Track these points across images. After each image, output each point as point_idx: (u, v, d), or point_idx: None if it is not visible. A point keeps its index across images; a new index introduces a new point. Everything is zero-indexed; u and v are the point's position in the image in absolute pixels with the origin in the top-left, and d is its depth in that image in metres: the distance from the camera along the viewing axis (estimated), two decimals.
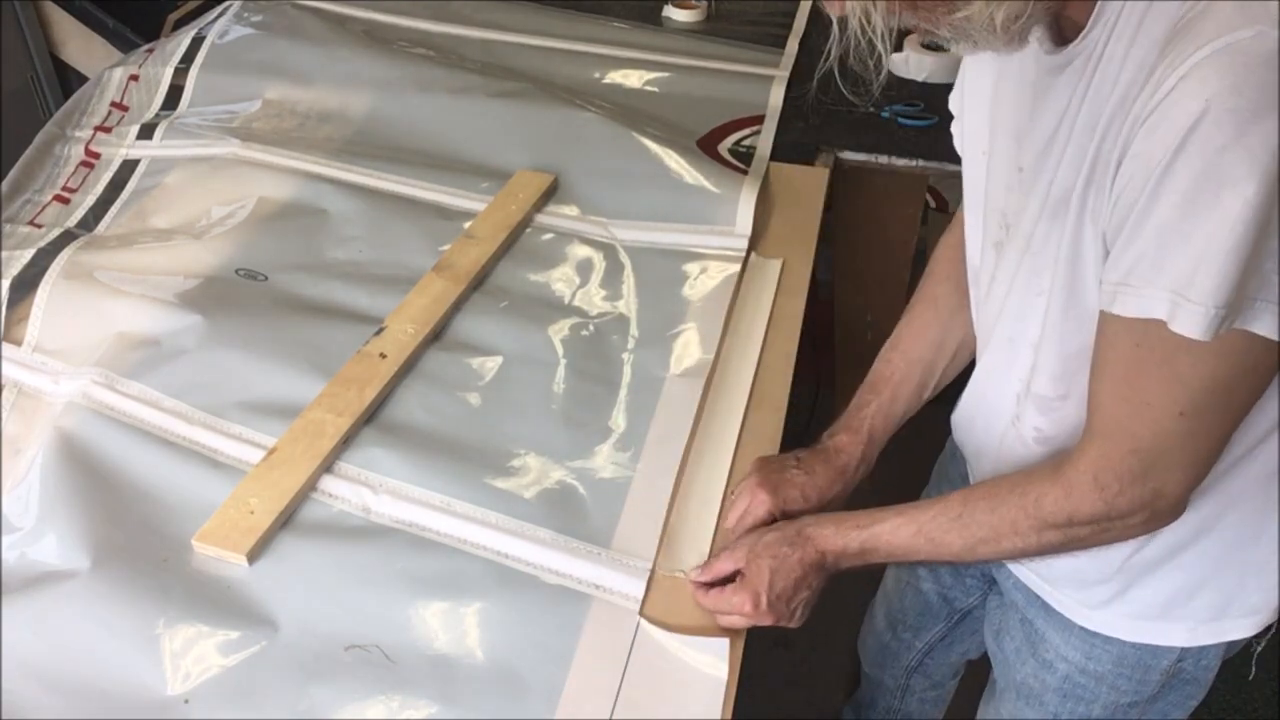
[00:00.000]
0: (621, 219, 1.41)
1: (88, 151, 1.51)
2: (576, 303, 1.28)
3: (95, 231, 1.37)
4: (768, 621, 0.92)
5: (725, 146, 1.58)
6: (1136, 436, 0.78)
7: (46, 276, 1.22)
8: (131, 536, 0.97)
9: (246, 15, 1.74)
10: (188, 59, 1.65)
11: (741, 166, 1.52)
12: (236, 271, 1.28)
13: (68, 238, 1.31)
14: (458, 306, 1.25)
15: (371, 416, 1.10)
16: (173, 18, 2.15)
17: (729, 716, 0.87)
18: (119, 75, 1.64)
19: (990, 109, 0.92)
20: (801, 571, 0.92)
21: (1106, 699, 1.02)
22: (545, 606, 0.94)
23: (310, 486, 1.02)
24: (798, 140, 1.62)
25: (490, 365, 1.18)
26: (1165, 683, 0.99)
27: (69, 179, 1.46)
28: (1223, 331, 0.71)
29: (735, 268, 1.34)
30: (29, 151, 1.49)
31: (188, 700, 0.86)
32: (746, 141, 1.59)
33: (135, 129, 1.53)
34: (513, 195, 1.42)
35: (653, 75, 1.75)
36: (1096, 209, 0.77)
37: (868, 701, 1.49)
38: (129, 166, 1.48)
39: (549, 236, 1.39)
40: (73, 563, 0.94)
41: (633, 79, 1.74)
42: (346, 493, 1.02)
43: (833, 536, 0.93)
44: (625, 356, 1.21)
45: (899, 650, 1.37)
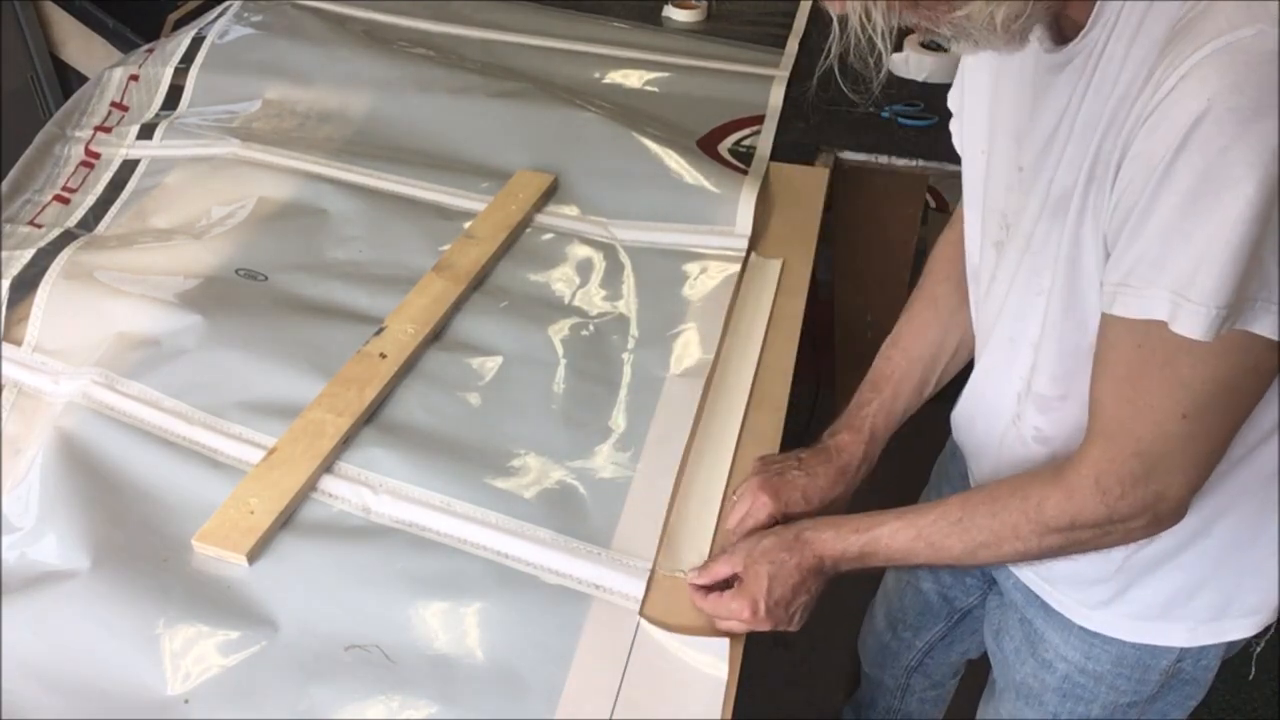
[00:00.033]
0: (621, 219, 1.41)
1: (88, 151, 1.51)
2: (576, 303, 1.28)
3: (95, 231, 1.37)
4: (766, 627, 0.92)
5: (725, 146, 1.58)
6: (1138, 439, 0.78)
7: (46, 276, 1.22)
8: (131, 536, 0.97)
9: (246, 15, 1.74)
10: (188, 59, 1.65)
11: (741, 166, 1.52)
12: (236, 271, 1.28)
13: (68, 238, 1.31)
14: (458, 306, 1.25)
15: (371, 416, 1.10)
16: (173, 18, 2.15)
17: (729, 716, 0.87)
18: (119, 75, 1.64)
19: (990, 108, 0.92)
20: (800, 576, 0.92)
21: (1106, 699, 1.02)
22: (545, 606, 0.94)
23: (310, 486, 1.02)
24: (798, 140, 1.62)
25: (490, 365, 1.18)
26: (1165, 683, 0.99)
27: (69, 179, 1.46)
28: (1224, 332, 0.71)
29: (735, 268, 1.34)
30: (29, 151, 1.49)
31: (188, 700, 0.86)
32: (746, 141, 1.59)
33: (135, 129, 1.53)
34: (513, 195, 1.42)
35: (653, 75, 1.75)
36: (1097, 209, 0.77)
37: (868, 701, 1.49)
38: (129, 166, 1.48)
39: (549, 236, 1.39)
40: (73, 563, 0.94)
41: (633, 79, 1.74)
42: (346, 493, 1.02)
43: (831, 541, 0.92)
44: (625, 356, 1.21)
45: (899, 650, 1.37)
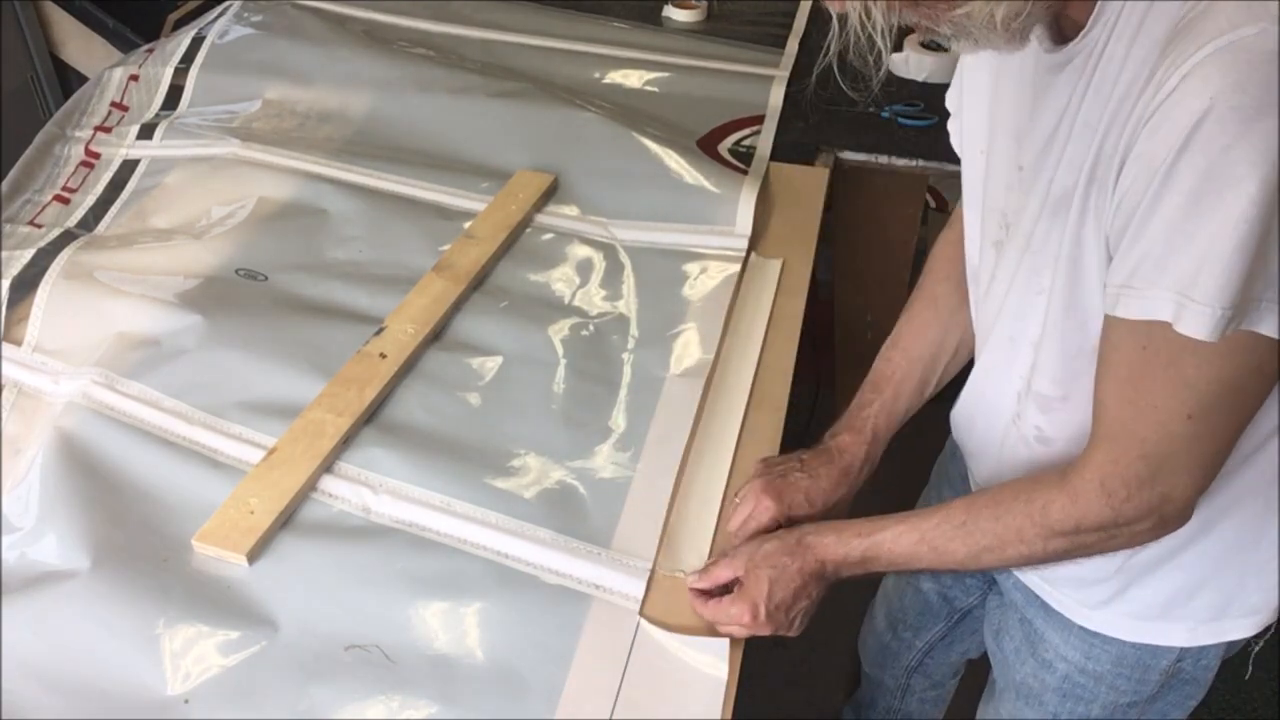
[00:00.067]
0: (621, 219, 1.41)
1: (88, 151, 1.51)
2: (576, 303, 1.28)
3: (95, 231, 1.37)
4: (766, 632, 0.92)
5: (725, 146, 1.58)
6: (1143, 441, 0.77)
7: (46, 276, 1.22)
8: (131, 536, 0.97)
9: (246, 15, 1.74)
10: (188, 59, 1.65)
11: (741, 166, 1.52)
12: (236, 271, 1.28)
13: (68, 238, 1.31)
14: (458, 306, 1.25)
15: (371, 416, 1.10)
16: (173, 18, 2.15)
17: (729, 716, 0.87)
18: (119, 75, 1.64)
19: (989, 107, 0.91)
20: (801, 581, 0.92)
21: (1106, 699, 1.02)
22: (545, 606, 0.94)
23: (310, 486, 1.02)
24: (798, 140, 1.62)
25: (490, 365, 1.18)
26: (1164, 682, 0.99)
27: (69, 179, 1.46)
28: (1229, 332, 0.70)
29: (735, 268, 1.34)
30: (29, 151, 1.49)
31: (188, 700, 0.86)
32: (746, 141, 1.59)
33: (135, 129, 1.53)
34: (513, 195, 1.42)
35: (653, 75, 1.75)
36: (1099, 210, 0.77)
37: (868, 701, 1.49)
38: (129, 166, 1.48)
39: (549, 236, 1.39)
40: (73, 563, 0.94)
41: (633, 79, 1.74)
42: (346, 493, 1.02)
43: (833, 545, 0.92)
44: (625, 356, 1.21)
45: (899, 650, 1.37)
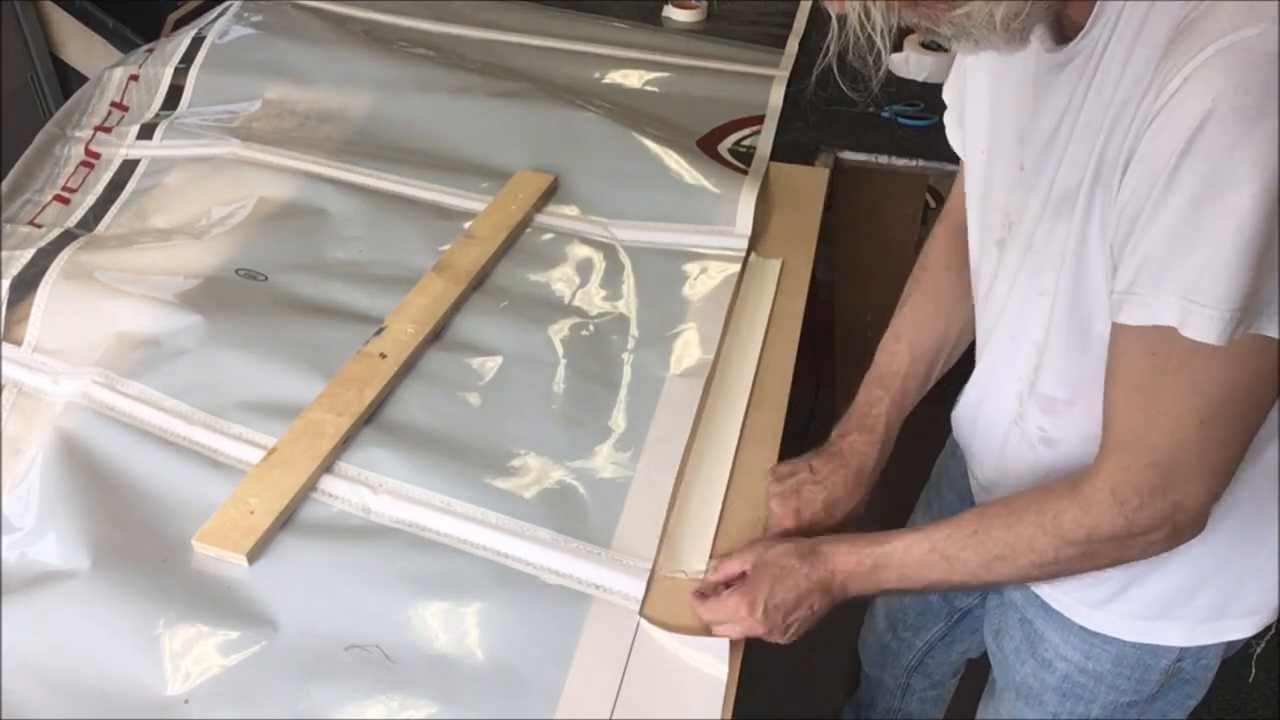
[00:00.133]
0: (621, 219, 1.41)
1: (88, 151, 1.51)
2: (576, 303, 1.28)
3: (95, 231, 1.37)
4: (759, 630, 0.91)
5: (725, 146, 1.58)
6: (1155, 448, 0.77)
7: (46, 276, 1.22)
8: (131, 536, 0.97)
9: (246, 15, 1.74)
10: (188, 59, 1.65)
11: (741, 166, 1.52)
12: (236, 271, 1.28)
13: (68, 238, 1.32)
14: (458, 306, 1.25)
15: (371, 416, 1.10)
16: (173, 18, 2.15)
17: (729, 716, 0.87)
18: (119, 75, 1.64)
19: (991, 105, 0.91)
20: (807, 587, 0.91)
21: (1106, 698, 1.02)
22: (545, 606, 0.94)
23: (310, 486, 1.02)
24: (798, 140, 1.62)
25: (490, 365, 1.18)
26: (1164, 682, 0.99)
27: (69, 179, 1.46)
28: (1237, 336, 0.70)
29: (735, 268, 1.34)
30: (29, 151, 1.49)
31: (188, 700, 0.86)
32: (746, 141, 1.59)
33: (135, 129, 1.53)
34: (513, 195, 1.42)
35: (653, 75, 1.75)
36: (1104, 213, 0.77)
37: (868, 701, 1.49)
38: (129, 166, 1.48)
39: (549, 236, 1.39)
40: (73, 563, 0.94)
41: (633, 79, 1.74)
42: (346, 493, 1.02)
43: (846, 553, 0.91)
44: (625, 356, 1.21)
45: (899, 650, 1.37)
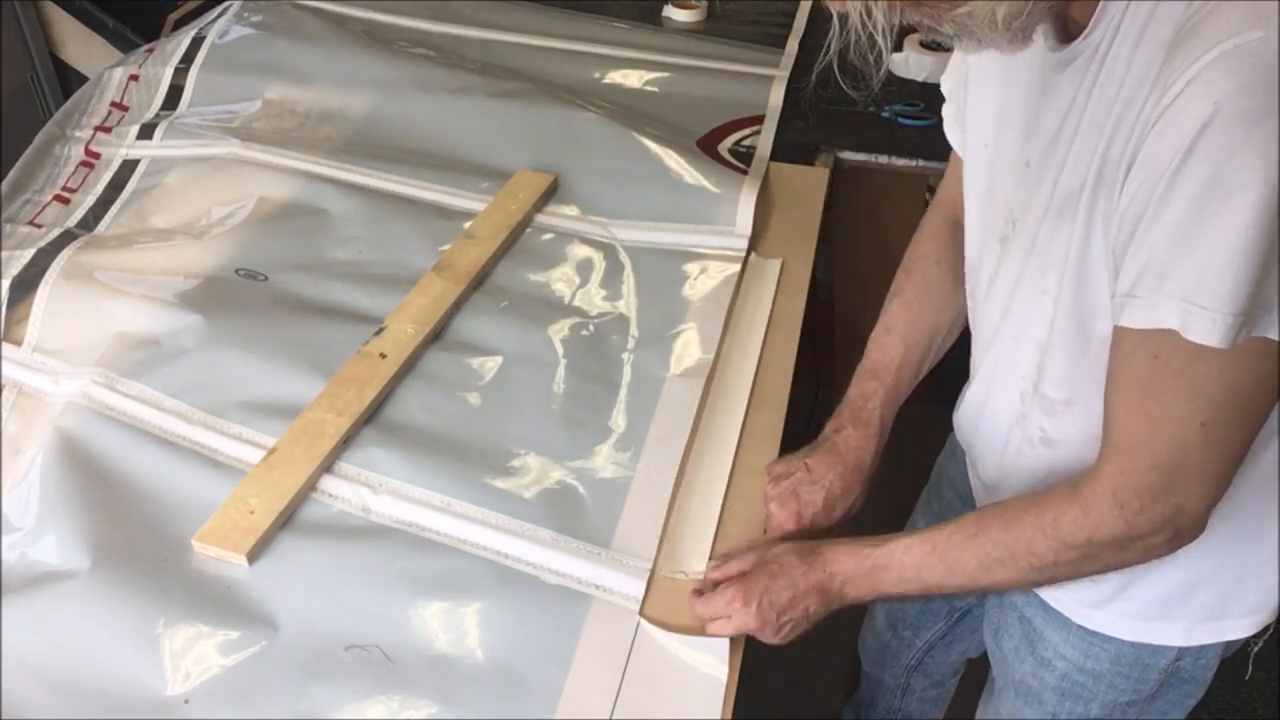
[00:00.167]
0: (621, 219, 1.41)
1: (88, 151, 1.51)
2: (576, 303, 1.28)
3: (95, 231, 1.37)
4: (752, 624, 0.90)
5: (725, 146, 1.58)
6: (1156, 452, 0.77)
7: (46, 276, 1.22)
8: (131, 536, 0.97)
9: (246, 15, 1.74)
10: (188, 59, 1.65)
11: (741, 166, 1.52)
12: (236, 271, 1.28)
13: (68, 238, 1.32)
14: (458, 306, 1.25)
15: (371, 416, 1.10)
16: (173, 18, 2.15)
17: (729, 716, 0.87)
18: (119, 75, 1.64)
19: (998, 99, 0.90)
20: (804, 587, 0.91)
21: (1105, 697, 1.02)
22: (545, 606, 0.94)
23: (310, 486, 1.02)
24: (798, 140, 1.62)
25: (490, 365, 1.18)
26: (1163, 681, 0.99)
27: (69, 179, 1.46)
28: (1240, 338, 0.70)
29: (735, 268, 1.34)
30: (29, 151, 1.49)
31: (188, 700, 0.86)
32: (746, 141, 1.59)
33: (135, 129, 1.53)
34: (513, 195, 1.42)
35: (653, 75, 1.75)
36: (1107, 215, 0.77)
37: (868, 701, 1.49)
38: (129, 166, 1.48)
39: (549, 236, 1.39)
40: (73, 563, 0.94)
41: (633, 79, 1.74)
42: (346, 493, 1.02)
43: (846, 555, 0.91)
44: (625, 356, 1.21)
45: (899, 649, 1.37)
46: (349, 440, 1.07)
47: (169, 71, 1.63)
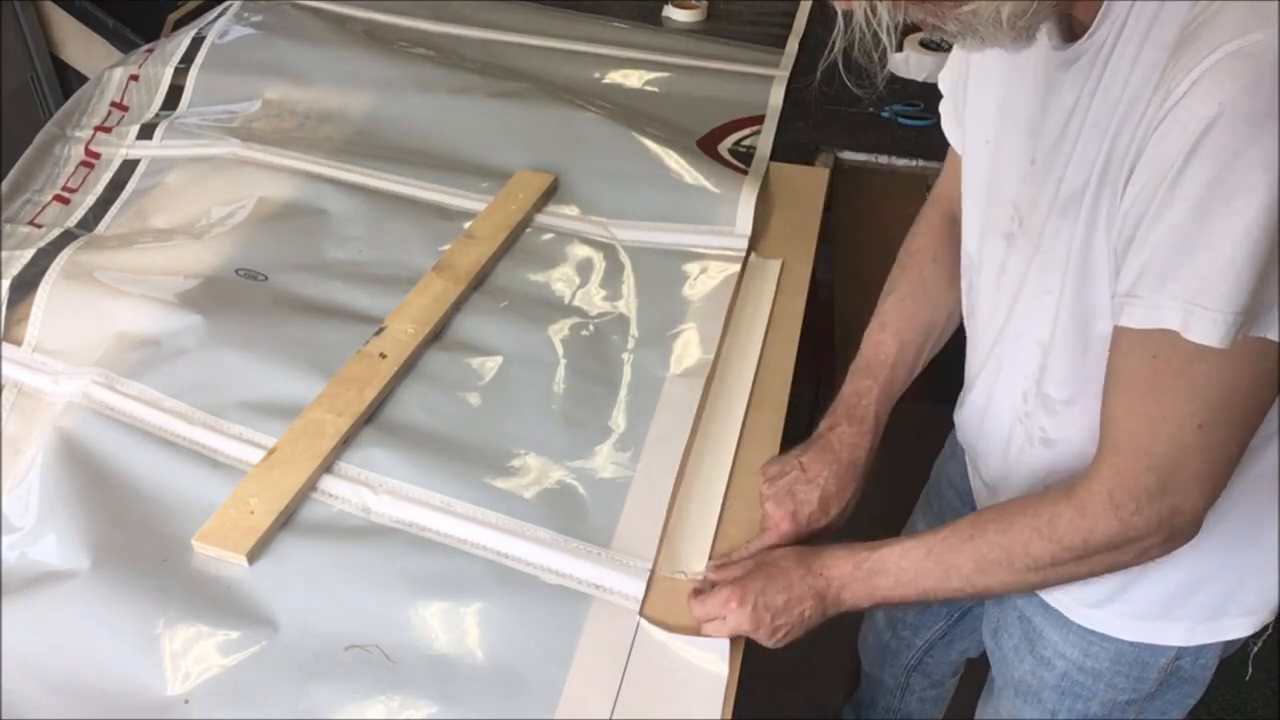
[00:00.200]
0: (621, 219, 1.41)
1: (88, 151, 1.51)
2: (576, 303, 1.28)
3: (95, 231, 1.37)
4: (746, 625, 0.90)
5: (725, 146, 1.58)
6: (1152, 453, 0.77)
7: (46, 276, 1.22)
8: (131, 536, 0.97)
9: (246, 15, 1.75)
10: (188, 59, 1.65)
11: (741, 166, 1.52)
12: (236, 271, 1.28)
13: (68, 238, 1.32)
14: (458, 306, 1.25)
15: (371, 416, 1.10)
16: (173, 18, 2.15)
17: (729, 716, 0.87)
18: (119, 75, 1.64)
19: (1000, 97, 0.90)
20: (800, 591, 0.91)
21: (1104, 696, 1.02)
22: (545, 606, 0.94)
23: (310, 486, 1.02)
24: (798, 140, 1.62)
25: (490, 365, 1.18)
26: (1163, 681, 0.99)
27: (69, 179, 1.46)
28: (1239, 339, 0.70)
29: (735, 268, 1.34)
30: (29, 151, 1.49)
31: (188, 700, 0.86)
32: (746, 141, 1.59)
33: (135, 129, 1.53)
34: (513, 195, 1.42)
35: (653, 75, 1.75)
36: (1110, 214, 0.77)
37: (868, 701, 1.49)
38: (129, 166, 1.48)
39: (549, 236, 1.39)
40: (73, 563, 0.94)
41: (633, 79, 1.74)
42: (346, 493, 1.02)
43: (843, 560, 0.91)
44: (625, 356, 1.21)
45: (899, 649, 1.37)
46: (349, 440, 1.07)
47: (169, 71, 1.63)
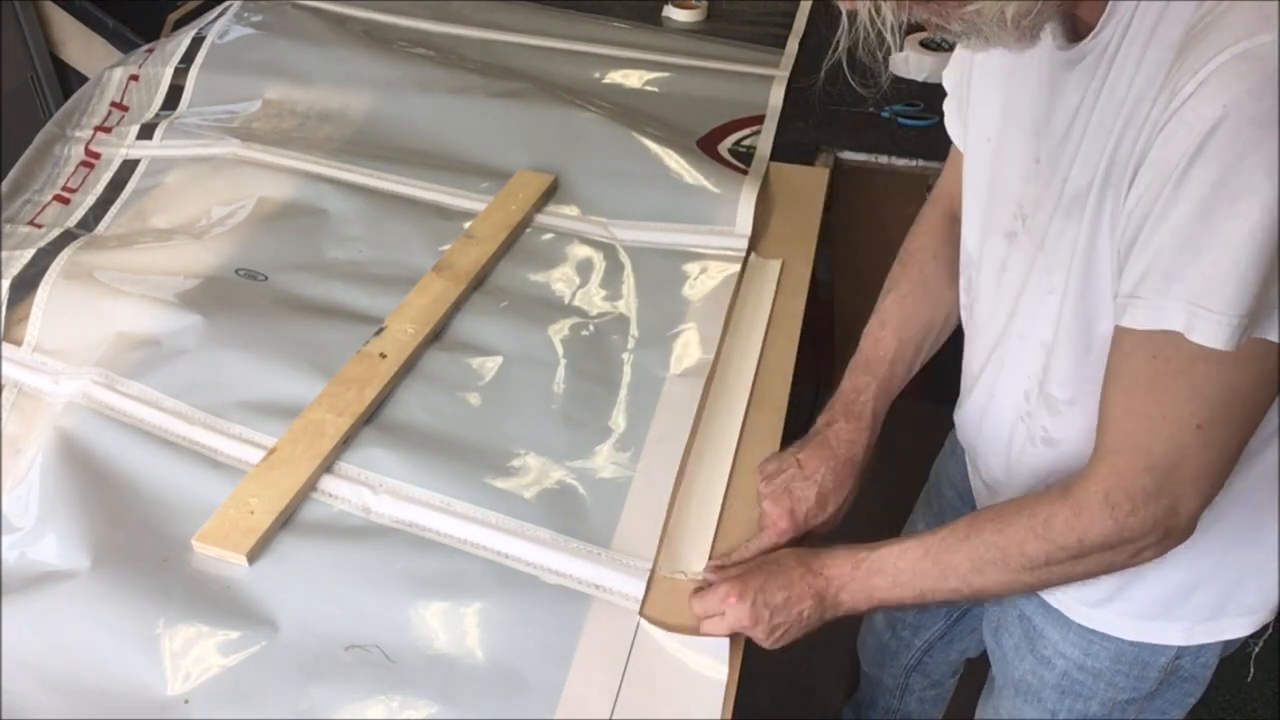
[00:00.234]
0: (621, 219, 1.41)
1: (88, 151, 1.51)
2: (576, 303, 1.28)
3: (95, 231, 1.37)
4: (746, 621, 0.90)
5: (725, 146, 1.58)
6: (1150, 453, 0.77)
7: (46, 276, 1.22)
8: (131, 536, 0.97)
9: (246, 15, 1.75)
10: (188, 59, 1.65)
11: (741, 166, 1.52)
12: (236, 271, 1.28)
13: (68, 238, 1.32)
14: (458, 306, 1.25)
15: (371, 416, 1.10)
16: (173, 18, 2.15)
17: (729, 717, 0.87)
18: (119, 75, 1.64)
19: (1003, 95, 0.90)
20: (800, 590, 0.91)
21: (1104, 695, 1.02)
22: (545, 606, 0.94)
23: (310, 486, 1.02)
24: (798, 140, 1.62)
25: (490, 365, 1.18)
26: (1163, 680, 0.99)
27: (69, 179, 1.46)
28: (1243, 340, 0.70)
29: (735, 268, 1.34)
30: (29, 151, 1.49)
31: (188, 700, 0.86)
32: (746, 141, 1.59)
33: (135, 129, 1.53)
34: (513, 195, 1.42)
35: (653, 75, 1.75)
36: (1114, 215, 0.76)
37: (867, 701, 1.49)
38: (129, 166, 1.48)
39: (549, 236, 1.39)
40: (73, 563, 0.94)
41: (633, 79, 1.74)
42: (346, 493, 1.02)
43: (841, 560, 0.91)
44: (625, 356, 1.21)
45: (898, 649, 1.37)
46: (349, 440, 1.07)
47: (169, 71, 1.63)
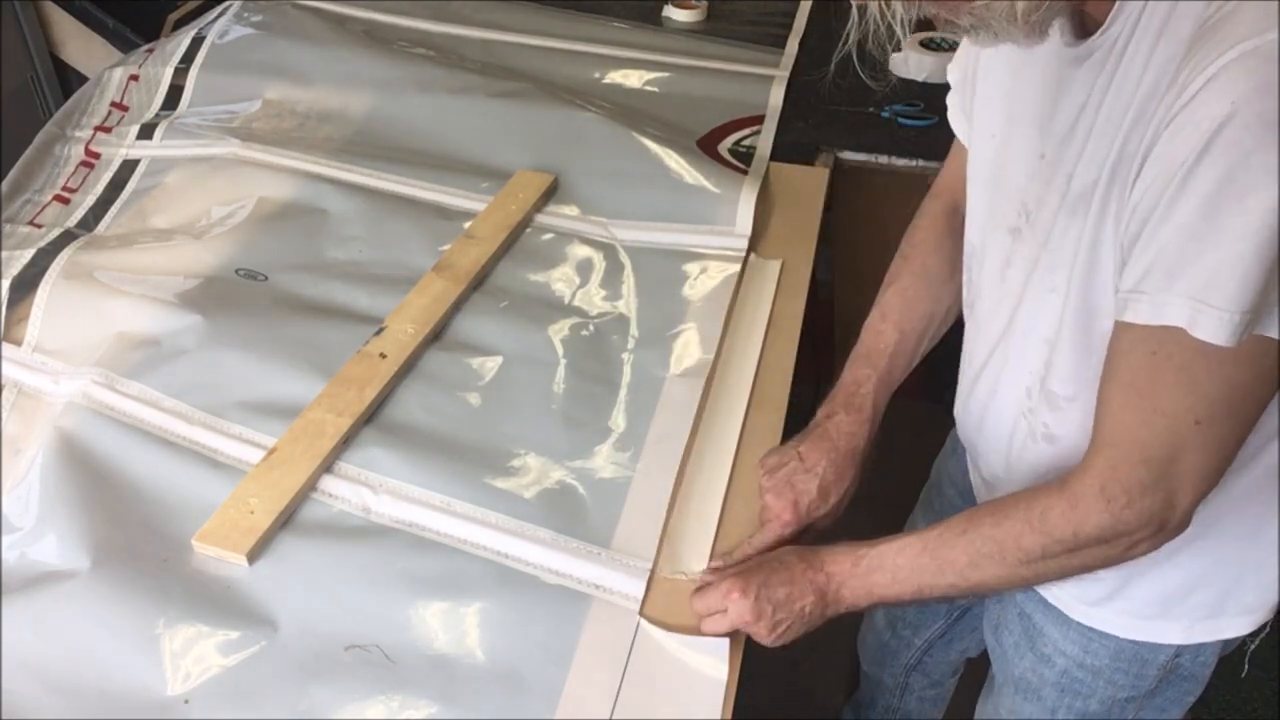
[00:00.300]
0: (621, 219, 1.41)
1: (88, 151, 1.51)
2: (576, 303, 1.28)
3: (95, 231, 1.37)
4: (748, 616, 0.90)
5: (725, 146, 1.58)
6: (1147, 446, 0.77)
7: (46, 276, 1.22)
8: (131, 536, 0.97)
9: (246, 15, 1.75)
10: (188, 59, 1.65)
11: (741, 166, 1.52)
12: (236, 271, 1.28)
13: (68, 238, 1.32)
14: (458, 306, 1.25)
15: (371, 416, 1.10)
16: (173, 18, 2.15)
17: (729, 717, 0.87)
18: (119, 75, 1.64)
19: (1008, 91, 0.90)
20: (802, 585, 0.91)
21: (1104, 693, 1.02)
22: (545, 606, 0.94)
23: (310, 486, 1.02)
24: (798, 140, 1.62)
25: (490, 365, 1.18)
26: (1163, 678, 0.99)
27: (69, 179, 1.46)
28: (1244, 337, 0.70)
29: (735, 268, 1.34)
30: (29, 151, 1.49)
31: (188, 700, 0.86)
32: (746, 141, 1.59)
33: (135, 129, 1.53)
34: (513, 195, 1.42)
35: (653, 75, 1.75)
36: (1119, 211, 0.77)
37: (867, 701, 1.49)
38: (129, 166, 1.48)
39: (549, 236, 1.39)
40: (73, 563, 0.94)
41: (633, 79, 1.74)
42: (346, 493, 1.02)
43: (842, 557, 0.92)
44: (625, 356, 1.21)
45: (898, 649, 1.37)
46: (349, 440, 1.07)
47: (169, 71, 1.63)
